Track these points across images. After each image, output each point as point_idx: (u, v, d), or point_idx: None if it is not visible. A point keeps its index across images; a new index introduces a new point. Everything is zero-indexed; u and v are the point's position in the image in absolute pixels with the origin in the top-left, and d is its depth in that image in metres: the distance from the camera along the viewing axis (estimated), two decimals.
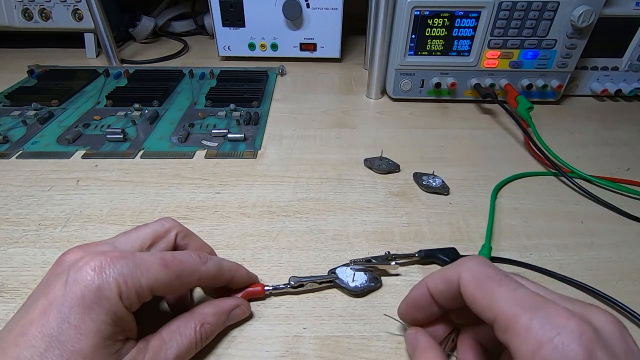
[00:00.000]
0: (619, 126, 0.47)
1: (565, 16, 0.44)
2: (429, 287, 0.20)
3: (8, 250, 0.29)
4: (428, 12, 0.45)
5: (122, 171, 0.37)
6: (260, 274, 0.27)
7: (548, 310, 0.15)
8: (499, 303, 0.16)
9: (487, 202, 0.34)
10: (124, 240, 0.21)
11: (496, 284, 0.17)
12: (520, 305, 0.16)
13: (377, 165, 0.38)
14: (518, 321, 0.15)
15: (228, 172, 0.38)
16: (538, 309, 0.15)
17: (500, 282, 0.17)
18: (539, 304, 0.16)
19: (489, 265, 0.18)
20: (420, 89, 0.50)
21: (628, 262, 0.29)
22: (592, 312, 0.16)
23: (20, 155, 0.39)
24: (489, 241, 0.30)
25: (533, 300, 0.16)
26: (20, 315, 0.18)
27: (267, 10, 0.58)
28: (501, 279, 0.17)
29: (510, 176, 0.37)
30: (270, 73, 0.59)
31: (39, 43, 0.67)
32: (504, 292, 0.16)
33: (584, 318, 0.15)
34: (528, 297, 0.16)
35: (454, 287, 0.18)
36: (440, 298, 0.20)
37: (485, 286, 0.17)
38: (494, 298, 0.16)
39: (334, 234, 0.31)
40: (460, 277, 0.18)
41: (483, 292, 0.17)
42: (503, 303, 0.16)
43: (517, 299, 0.16)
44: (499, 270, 0.18)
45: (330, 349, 0.23)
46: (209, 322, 0.22)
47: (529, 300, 0.16)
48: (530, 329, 0.15)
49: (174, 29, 0.76)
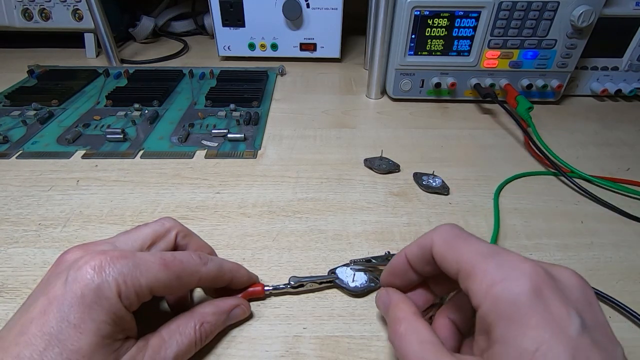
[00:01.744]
0: (619, 126, 0.47)
1: (565, 16, 0.44)
2: (406, 253, 0.21)
3: (8, 250, 0.29)
4: (428, 12, 0.45)
5: (122, 171, 0.37)
6: (260, 274, 0.27)
7: (505, 256, 0.16)
8: (463, 256, 0.17)
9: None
10: (124, 239, 0.21)
11: (462, 240, 0.18)
12: (481, 254, 0.17)
13: (377, 165, 0.38)
14: (477, 266, 0.16)
15: (228, 172, 0.38)
16: (496, 255, 0.16)
17: (466, 239, 0.18)
18: (498, 252, 0.17)
19: (458, 227, 0.19)
20: (420, 89, 0.50)
21: (628, 262, 0.29)
22: (554, 267, 0.17)
23: (20, 155, 0.39)
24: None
25: (493, 250, 0.17)
26: (21, 314, 0.18)
27: (267, 10, 0.58)
28: (466, 236, 0.18)
29: (511, 176, 0.37)
30: (270, 73, 0.59)
31: (39, 43, 0.67)
32: (467, 246, 0.18)
33: (542, 266, 0.16)
34: (489, 248, 0.17)
35: (427, 252, 0.19)
36: (416, 263, 0.21)
37: (453, 244, 0.18)
38: (460, 252, 0.18)
39: (334, 234, 0.31)
40: (433, 240, 0.19)
41: (451, 249, 0.18)
42: (466, 255, 0.17)
43: (478, 250, 0.17)
44: (466, 231, 0.19)
45: (330, 349, 0.23)
46: (209, 321, 0.22)
47: (489, 250, 0.17)
48: (487, 271, 0.16)
49: (174, 29, 0.76)
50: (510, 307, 0.15)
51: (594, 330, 0.15)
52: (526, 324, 0.14)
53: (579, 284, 0.16)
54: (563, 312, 0.14)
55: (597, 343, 0.14)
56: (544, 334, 0.14)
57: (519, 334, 0.14)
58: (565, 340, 0.14)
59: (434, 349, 0.17)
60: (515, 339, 0.14)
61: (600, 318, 0.15)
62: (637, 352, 0.23)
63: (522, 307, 0.15)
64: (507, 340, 0.14)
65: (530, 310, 0.14)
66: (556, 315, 0.14)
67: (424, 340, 0.18)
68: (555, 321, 0.14)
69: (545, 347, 0.14)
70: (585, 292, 0.16)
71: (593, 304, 0.16)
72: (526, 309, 0.14)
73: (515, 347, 0.14)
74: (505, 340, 0.15)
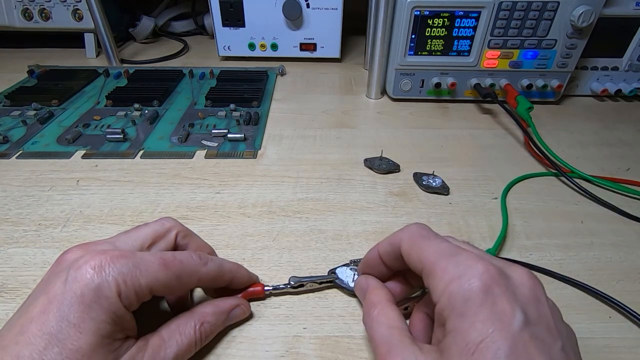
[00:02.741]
0: (619, 126, 0.47)
1: (565, 16, 0.44)
2: (378, 249, 0.22)
3: (8, 250, 0.29)
4: (428, 12, 0.45)
5: (122, 171, 0.37)
6: (260, 274, 0.27)
7: (462, 256, 0.18)
8: (426, 254, 0.19)
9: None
10: (124, 239, 0.21)
11: (426, 240, 0.19)
12: (441, 254, 0.18)
13: (377, 165, 0.38)
14: (437, 266, 0.18)
15: (228, 172, 0.38)
16: (455, 255, 0.18)
17: (429, 238, 0.19)
18: (457, 252, 0.18)
19: (425, 228, 0.21)
20: (420, 89, 0.50)
21: (628, 262, 0.29)
22: (509, 265, 0.18)
23: (20, 155, 0.39)
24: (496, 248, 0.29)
25: (452, 250, 0.18)
26: (21, 314, 0.18)
27: (267, 10, 0.58)
28: (430, 236, 0.20)
29: (516, 178, 0.37)
30: (270, 73, 0.59)
31: (39, 43, 0.67)
32: (430, 245, 0.19)
33: (495, 265, 0.17)
34: (449, 248, 0.18)
35: (397, 249, 0.21)
36: (386, 259, 0.22)
37: (418, 242, 0.20)
38: (423, 251, 0.19)
39: (334, 234, 0.31)
40: (401, 239, 0.20)
41: (415, 247, 0.19)
42: (429, 254, 0.19)
43: (440, 249, 0.18)
44: (432, 231, 0.20)
45: (330, 349, 0.23)
46: (209, 321, 0.22)
47: (449, 250, 0.18)
48: (445, 269, 0.17)
49: (174, 29, 0.76)
50: (462, 303, 0.16)
51: (537, 325, 0.16)
52: (474, 318, 0.16)
53: (529, 283, 0.17)
54: (508, 309, 0.16)
55: (536, 337, 0.15)
56: (489, 328, 0.15)
57: (467, 327, 0.16)
58: (507, 334, 0.15)
59: (400, 335, 0.19)
60: (463, 332, 0.16)
61: (546, 314, 0.17)
62: (637, 352, 0.23)
63: (472, 303, 0.16)
64: (457, 332, 0.16)
65: (479, 306, 0.16)
66: (501, 312, 0.16)
67: (392, 325, 0.19)
68: (500, 317, 0.15)
69: (489, 340, 0.15)
70: (534, 290, 0.17)
71: (540, 301, 0.17)
72: (476, 305, 0.16)
73: (463, 339, 0.16)
74: (456, 332, 0.16)
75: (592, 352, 0.23)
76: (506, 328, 0.15)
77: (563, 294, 0.27)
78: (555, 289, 0.27)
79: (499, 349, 0.15)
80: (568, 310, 0.25)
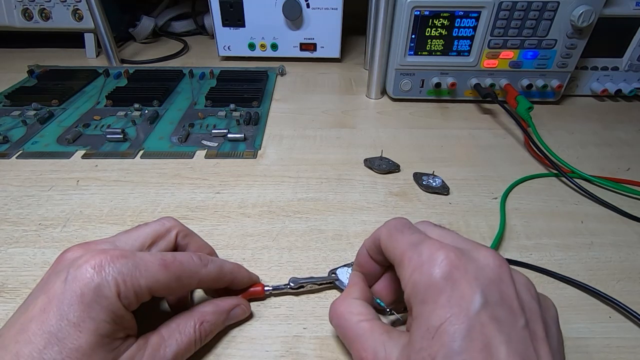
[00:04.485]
0: (619, 126, 0.47)
1: (565, 16, 0.44)
2: (365, 245, 0.23)
3: (8, 250, 0.29)
4: (428, 12, 0.45)
5: (122, 171, 0.37)
6: (260, 274, 0.27)
7: (426, 244, 0.18)
8: (398, 246, 0.19)
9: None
10: (124, 239, 0.21)
11: (399, 232, 0.20)
12: (409, 244, 0.19)
13: (377, 165, 0.38)
14: (405, 255, 0.19)
15: (228, 172, 0.38)
16: (420, 244, 0.18)
17: (402, 231, 0.20)
18: (422, 241, 0.19)
19: (402, 221, 0.21)
20: (420, 89, 0.50)
21: (628, 262, 0.29)
22: (475, 247, 0.19)
23: (20, 155, 0.39)
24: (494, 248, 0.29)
25: (419, 239, 0.19)
26: (21, 313, 0.18)
27: (267, 10, 0.58)
28: (404, 229, 0.20)
29: (515, 181, 0.37)
30: (270, 73, 0.59)
31: (39, 43, 0.67)
32: (402, 237, 0.20)
33: (458, 250, 0.18)
34: (417, 238, 0.19)
35: (377, 243, 0.21)
36: (372, 253, 0.23)
37: (393, 235, 0.20)
38: (396, 243, 0.20)
39: (334, 234, 0.31)
40: (380, 233, 0.21)
41: (391, 240, 0.20)
42: (400, 245, 0.19)
43: (410, 240, 0.19)
44: (408, 223, 0.21)
45: (330, 349, 0.23)
46: (209, 320, 0.22)
47: (416, 240, 0.19)
48: (411, 259, 0.18)
49: (174, 29, 0.76)
50: (424, 290, 0.17)
51: (497, 305, 0.16)
52: (435, 303, 0.16)
53: (493, 263, 0.18)
54: (467, 292, 0.16)
55: (495, 318, 0.16)
56: (448, 312, 0.16)
57: (428, 313, 0.16)
58: (465, 317, 0.16)
59: (370, 326, 0.19)
60: (425, 317, 0.16)
61: (508, 293, 0.17)
62: (637, 352, 0.23)
63: (433, 290, 0.17)
64: (419, 318, 0.17)
65: (439, 292, 0.17)
66: (460, 296, 0.16)
67: (360, 319, 0.20)
68: (458, 301, 0.16)
69: (447, 324, 0.16)
70: (498, 271, 0.17)
71: (504, 281, 0.17)
72: (436, 291, 0.17)
73: (425, 324, 0.16)
74: (419, 317, 0.17)
75: (592, 352, 0.23)
76: (464, 311, 0.16)
77: (563, 294, 0.27)
78: (555, 289, 0.27)
79: (456, 332, 0.15)
80: (568, 310, 0.25)
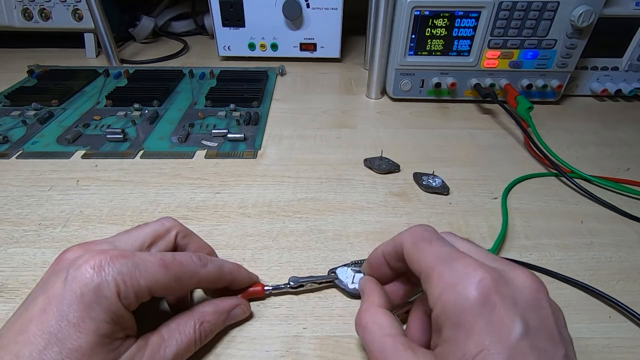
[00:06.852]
0: (619, 126, 0.47)
1: (565, 16, 0.44)
2: (382, 250, 0.22)
3: (8, 250, 0.29)
4: (428, 12, 0.45)
5: (122, 171, 0.37)
6: (260, 274, 0.27)
7: (460, 262, 0.17)
8: (425, 258, 0.18)
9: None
10: (124, 239, 0.21)
11: (427, 243, 0.19)
12: (439, 259, 0.18)
13: (377, 165, 0.38)
14: (434, 271, 0.17)
15: (228, 172, 0.38)
16: (452, 261, 0.17)
17: (430, 241, 0.19)
18: (454, 257, 0.17)
19: (428, 229, 0.20)
20: (420, 89, 0.50)
21: (628, 262, 0.29)
22: (511, 268, 0.18)
23: (20, 155, 0.39)
24: (495, 248, 0.29)
25: (450, 255, 0.18)
26: (20, 313, 0.18)
27: (267, 10, 0.58)
28: (432, 239, 0.19)
29: (517, 178, 0.37)
30: (270, 73, 0.59)
31: (39, 43, 0.67)
32: (431, 249, 0.19)
33: (494, 270, 0.17)
34: (448, 252, 0.18)
35: (399, 251, 0.20)
36: (389, 260, 0.22)
37: (419, 245, 0.19)
38: (423, 254, 0.19)
39: (334, 234, 0.31)
40: (404, 240, 0.20)
41: (416, 250, 0.19)
42: (428, 258, 0.18)
43: (439, 254, 0.18)
44: (435, 233, 0.20)
45: (330, 349, 0.23)
46: (209, 320, 0.22)
47: (448, 255, 0.18)
48: (441, 276, 0.17)
49: (174, 29, 0.76)
50: (458, 313, 0.16)
51: (537, 334, 0.15)
52: (471, 329, 0.15)
53: (531, 288, 0.17)
54: (506, 319, 0.15)
55: (536, 347, 0.15)
56: (486, 339, 0.15)
57: (464, 338, 0.15)
58: (504, 346, 0.15)
59: (394, 342, 0.18)
60: (460, 342, 0.15)
61: (548, 320, 0.16)
62: (637, 352, 0.23)
63: (468, 314, 0.16)
64: (453, 342, 0.16)
65: (475, 317, 0.15)
66: (499, 322, 0.15)
67: (385, 333, 0.19)
68: (497, 328, 0.15)
69: (485, 352, 0.15)
70: (537, 296, 0.17)
71: (543, 307, 0.16)
72: (472, 316, 0.16)
73: (460, 349, 0.15)
74: (452, 342, 0.16)
75: (592, 352, 0.23)
76: (504, 339, 0.15)
77: (563, 294, 0.27)
78: (555, 289, 0.27)
79: None
80: (568, 310, 0.25)
